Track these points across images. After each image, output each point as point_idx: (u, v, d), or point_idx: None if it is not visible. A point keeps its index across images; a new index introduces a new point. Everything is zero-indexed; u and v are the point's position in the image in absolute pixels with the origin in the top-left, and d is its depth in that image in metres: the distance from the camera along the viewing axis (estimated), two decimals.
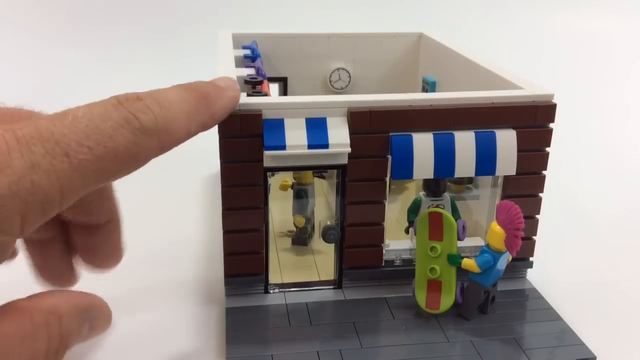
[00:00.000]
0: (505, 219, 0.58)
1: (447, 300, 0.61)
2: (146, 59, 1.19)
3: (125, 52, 1.23)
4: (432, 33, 0.91)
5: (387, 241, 0.67)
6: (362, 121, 0.60)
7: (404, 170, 0.60)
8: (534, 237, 0.67)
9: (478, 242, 0.68)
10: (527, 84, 0.64)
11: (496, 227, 0.58)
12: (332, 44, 0.92)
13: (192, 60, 1.10)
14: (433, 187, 0.67)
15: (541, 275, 0.69)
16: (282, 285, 0.66)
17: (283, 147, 0.58)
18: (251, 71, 0.73)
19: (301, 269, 0.70)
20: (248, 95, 0.63)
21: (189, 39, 0.91)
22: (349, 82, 0.93)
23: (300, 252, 0.73)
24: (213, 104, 0.49)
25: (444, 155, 0.60)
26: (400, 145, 0.60)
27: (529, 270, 0.69)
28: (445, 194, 0.68)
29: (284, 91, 0.93)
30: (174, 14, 1.24)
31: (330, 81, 0.93)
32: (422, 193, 0.68)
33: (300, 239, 0.74)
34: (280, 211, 0.76)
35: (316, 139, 0.59)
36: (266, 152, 0.58)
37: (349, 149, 0.59)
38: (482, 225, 0.69)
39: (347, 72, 0.93)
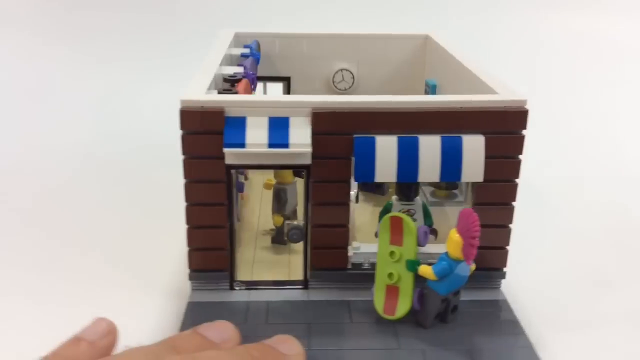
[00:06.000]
0: (463, 227, 0.56)
1: (403, 307, 0.60)
2: (148, 59, 1.21)
3: (126, 51, 1.26)
4: (438, 35, 0.89)
5: (357, 243, 0.66)
6: (325, 122, 0.59)
7: (366, 172, 0.60)
8: (506, 247, 0.65)
9: None
10: (505, 89, 0.63)
11: (455, 235, 0.57)
12: (336, 44, 0.92)
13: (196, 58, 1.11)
14: (405, 191, 0.66)
15: (518, 286, 0.67)
16: (250, 283, 0.66)
17: (242, 145, 0.59)
18: (238, 69, 0.74)
19: (275, 268, 0.70)
20: (218, 92, 0.63)
21: (194, 38, 0.92)
22: (353, 83, 0.93)
23: (278, 251, 0.73)
24: None
25: (408, 159, 0.59)
26: (362, 146, 0.59)
27: (507, 281, 0.67)
28: (418, 198, 0.67)
29: (287, 91, 0.93)
30: (178, 13, 1.27)
31: (333, 82, 0.92)
32: (394, 197, 0.67)
33: (279, 238, 0.74)
34: (269, 209, 0.76)
35: (277, 138, 0.59)
36: (225, 150, 0.58)
37: (309, 149, 0.59)
38: None
39: (351, 73, 0.92)
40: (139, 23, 1.31)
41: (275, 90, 0.94)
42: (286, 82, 0.93)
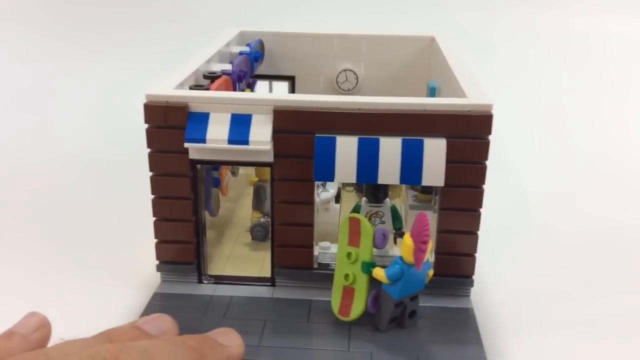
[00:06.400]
0: (415, 231, 0.55)
1: (357, 309, 0.59)
2: (153, 56, 1.24)
3: (130, 48, 1.29)
4: (442, 36, 0.88)
5: (326, 243, 0.66)
6: (286, 120, 0.59)
7: (326, 172, 0.60)
8: (474, 254, 0.63)
9: None
10: (476, 94, 0.61)
11: (408, 240, 0.56)
12: (341, 44, 0.91)
13: None
14: (373, 192, 0.66)
15: (492, 295, 0.66)
16: (218, 278, 0.67)
17: (203, 141, 0.59)
18: (227, 66, 0.75)
19: (249, 264, 0.70)
20: (190, 88, 0.64)
21: (202, 37, 0.94)
22: (356, 83, 0.92)
23: (257, 248, 0.73)
24: None
25: (368, 160, 0.59)
26: (323, 146, 0.59)
27: (482, 290, 0.66)
28: (387, 200, 0.66)
29: (292, 90, 0.93)
30: (188, 12, 1.29)
31: (337, 82, 0.92)
32: (364, 199, 0.67)
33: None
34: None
35: (237, 134, 0.59)
36: (186, 144, 0.59)
37: (268, 147, 0.59)
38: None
39: (355, 73, 0.92)
40: (144, 20, 1.34)
41: (280, 89, 0.95)
42: (291, 81, 0.94)
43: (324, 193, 0.73)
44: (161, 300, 0.64)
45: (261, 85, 0.95)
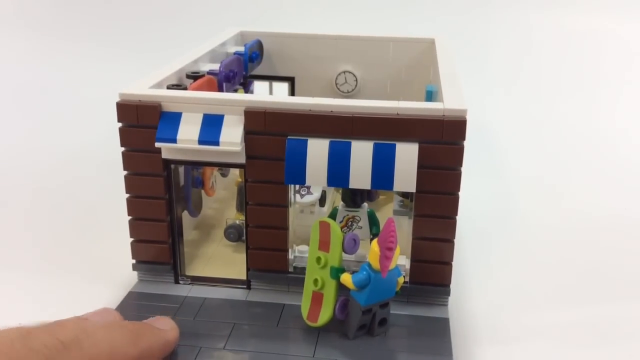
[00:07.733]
0: (380, 237, 0.54)
1: (325, 314, 0.58)
2: (156, 55, 1.24)
3: (133, 48, 1.30)
4: (441, 39, 0.86)
5: (305, 247, 0.65)
6: (257, 121, 0.59)
7: (297, 175, 0.59)
8: (450, 262, 0.61)
9: (401, 260, 0.64)
10: (454, 99, 0.59)
11: (375, 246, 0.55)
12: (341, 46, 0.90)
13: None
14: (351, 197, 0.64)
15: (471, 304, 0.64)
16: (195, 278, 0.67)
17: (174, 140, 0.59)
18: (215, 67, 0.74)
19: (230, 265, 0.70)
20: (168, 87, 0.64)
21: (205, 37, 0.94)
22: (356, 85, 0.91)
23: (239, 249, 0.73)
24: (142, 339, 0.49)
25: (339, 164, 0.58)
26: (294, 148, 0.58)
27: (463, 298, 0.64)
28: (365, 205, 0.65)
29: (291, 91, 0.93)
30: (192, 13, 1.29)
31: (336, 84, 0.91)
32: (341, 203, 0.65)
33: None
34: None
35: (208, 135, 0.59)
36: (157, 144, 0.59)
37: (238, 148, 0.59)
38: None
39: (354, 75, 0.91)
40: (147, 20, 1.34)
41: (280, 90, 0.94)
42: (290, 82, 0.93)
43: (308, 196, 0.72)
44: (135, 299, 0.64)
45: (261, 86, 0.94)
